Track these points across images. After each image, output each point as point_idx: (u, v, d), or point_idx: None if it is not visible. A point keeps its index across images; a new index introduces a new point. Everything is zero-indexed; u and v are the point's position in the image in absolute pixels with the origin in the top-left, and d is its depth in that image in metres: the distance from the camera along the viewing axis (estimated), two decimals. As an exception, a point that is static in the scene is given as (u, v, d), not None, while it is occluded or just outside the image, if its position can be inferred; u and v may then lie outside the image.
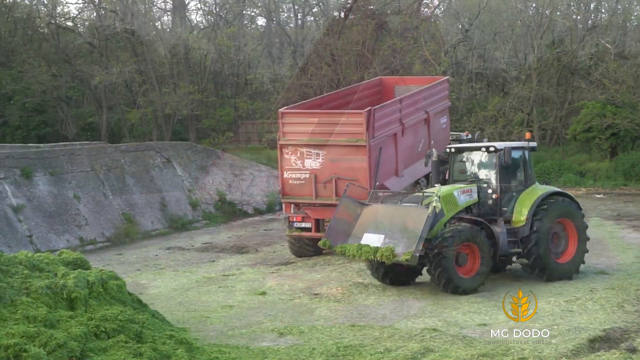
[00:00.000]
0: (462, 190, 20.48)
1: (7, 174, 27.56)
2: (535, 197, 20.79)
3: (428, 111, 26.93)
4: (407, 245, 18.73)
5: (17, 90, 50.27)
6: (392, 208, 20.09)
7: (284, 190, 24.20)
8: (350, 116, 23.78)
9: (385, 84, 30.16)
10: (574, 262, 21.13)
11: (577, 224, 21.25)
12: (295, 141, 23.82)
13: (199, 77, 51.26)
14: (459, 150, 21.66)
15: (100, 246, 28.59)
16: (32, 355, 12.88)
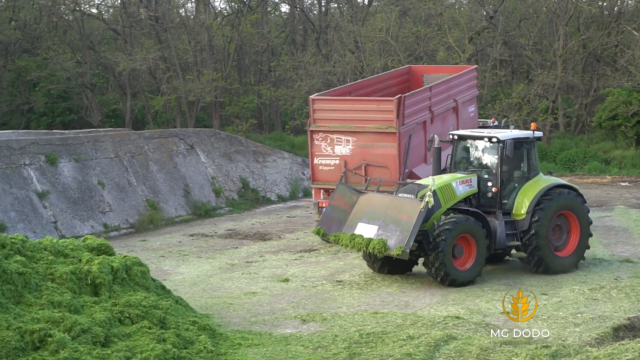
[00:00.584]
0: (462, 180, 20.05)
1: (32, 160, 27.73)
2: (538, 190, 20.28)
3: (457, 99, 27.14)
4: (400, 238, 18.55)
5: (42, 77, 50.50)
6: (387, 198, 19.89)
7: (314, 176, 24.63)
8: (381, 103, 24.12)
9: (414, 73, 30.32)
10: (574, 256, 20.67)
11: (580, 218, 20.75)
12: (326, 127, 24.19)
13: (223, 64, 51.24)
14: (462, 138, 21.12)
15: (124, 232, 28.73)
16: (57, 340, 12.98)
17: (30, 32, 55.96)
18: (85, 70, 50.43)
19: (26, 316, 13.47)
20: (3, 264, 14.13)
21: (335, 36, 50.06)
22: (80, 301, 14.59)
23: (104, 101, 54.25)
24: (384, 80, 29.04)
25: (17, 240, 15.35)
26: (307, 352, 14.63)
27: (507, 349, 14.12)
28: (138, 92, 52.24)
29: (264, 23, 54.26)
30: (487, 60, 47.02)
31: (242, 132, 45.66)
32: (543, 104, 46.17)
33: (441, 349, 14.35)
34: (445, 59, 43.66)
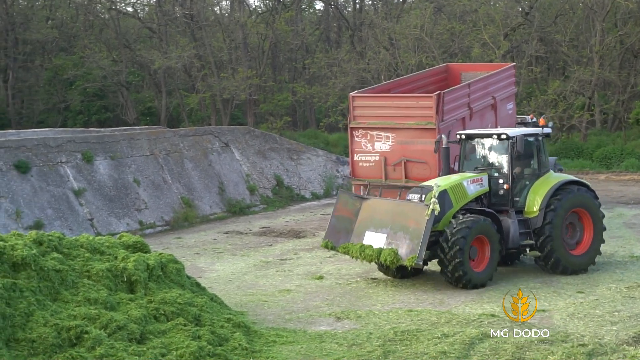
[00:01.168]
0: (472, 179, 19.66)
1: (68, 158, 27.96)
2: (549, 187, 19.82)
3: (495, 97, 27.24)
4: (411, 247, 18.18)
5: (78, 75, 50.94)
6: (392, 204, 19.44)
7: (354, 172, 25.01)
8: (421, 99, 24.44)
9: (452, 71, 30.53)
10: (589, 254, 20.15)
11: (593, 214, 20.23)
12: (366, 124, 24.55)
13: (257, 62, 51.40)
14: (470, 137, 20.62)
15: (160, 230, 28.89)
16: (93, 337, 13.07)
17: (67, 31, 56.48)
18: (121, 68, 50.81)
19: (63, 313, 13.58)
20: (40, 261, 14.26)
21: (369, 33, 50.02)
22: (116, 298, 14.69)
23: (140, 99, 54.62)
24: (423, 78, 29.35)
25: (54, 237, 15.48)
26: (342, 349, 14.62)
27: (542, 347, 14.03)
28: (173, 90, 52.52)
29: (299, 20, 54.33)
30: (523, 57, 46.70)
31: (277, 129, 45.75)
32: (579, 101, 45.80)
33: (476, 347, 14.28)
34: (480, 56, 43.43)
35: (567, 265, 19.68)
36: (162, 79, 50.64)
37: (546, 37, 48.39)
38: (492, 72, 28.29)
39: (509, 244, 19.56)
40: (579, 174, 39.60)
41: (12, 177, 25.84)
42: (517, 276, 19.89)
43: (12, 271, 13.89)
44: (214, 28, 52.20)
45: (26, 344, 12.76)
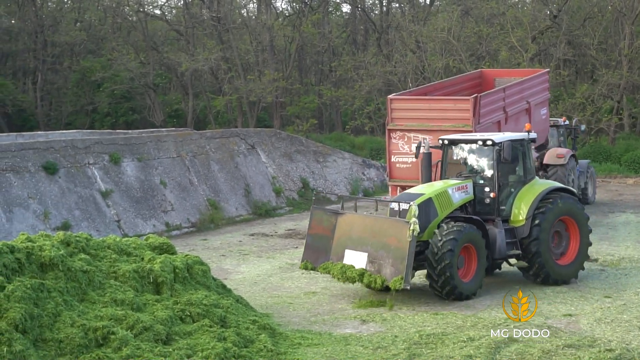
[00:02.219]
0: (457, 187, 18.85)
1: (96, 160, 28.13)
2: (536, 194, 19.06)
3: (529, 101, 27.83)
4: (395, 267, 17.24)
5: (106, 77, 51.27)
6: (369, 219, 18.54)
7: (391, 173, 25.50)
8: (458, 102, 25.15)
9: (486, 76, 31.10)
10: (576, 263, 19.39)
11: (580, 222, 19.47)
12: (403, 126, 25.14)
13: (284, 65, 51.50)
14: (453, 142, 19.83)
15: (186, 231, 28.99)
16: (120, 337, 13.13)
17: (95, 33, 56.88)
18: (149, 70, 51.09)
19: (90, 313, 13.66)
20: (68, 261, 14.35)
21: (396, 36, 50.00)
22: (143, 299, 14.76)
23: (167, 101, 54.90)
24: (457, 83, 30.00)
25: (81, 238, 15.57)
26: (367, 352, 14.61)
27: (569, 352, 13.94)
28: (200, 92, 52.73)
29: (325, 23, 54.38)
30: (551, 60, 46.49)
31: (303, 132, 45.82)
32: (607, 104, 45.52)
33: (502, 351, 14.21)
34: (508, 59, 43.30)
35: (556, 276, 18.94)
36: (189, 81, 50.84)
37: (574, 41, 48.14)
38: (526, 77, 28.85)
39: (495, 253, 18.73)
40: (607, 178, 39.38)
41: (40, 178, 26.04)
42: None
43: (40, 272, 14.00)
44: (241, 30, 52.37)
45: (53, 344, 12.85)
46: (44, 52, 53.40)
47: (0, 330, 12.50)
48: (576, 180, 30.61)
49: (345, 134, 49.46)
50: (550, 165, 29.99)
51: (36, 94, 53.64)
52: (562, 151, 30.23)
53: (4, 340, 12.39)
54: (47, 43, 53.49)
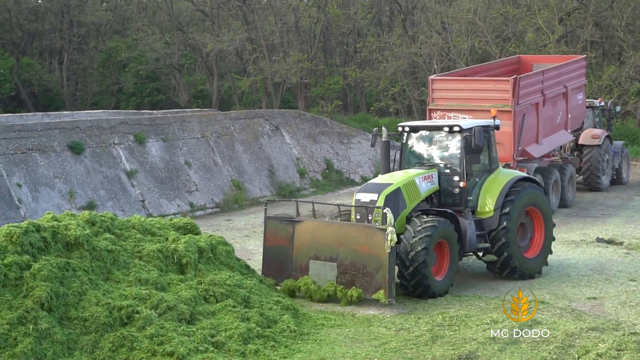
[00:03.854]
0: (424, 176, 17.74)
1: (121, 140, 28.25)
2: (503, 184, 18.16)
3: (567, 86, 28.30)
4: (371, 278, 15.93)
5: (131, 57, 51.42)
6: (335, 226, 16.92)
7: None
8: (497, 83, 25.71)
9: (523, 62, 31.56)
10: (542, 255, 18.66)
11: (545, 213, 18.74)
12: (444, 106, 25.67)
13: (309, 45, 51.37)
14: (414, 129, 18.75)
15: (210, 212, 29.08)
16: (144, 316, 13.22)
17: (121, 14, 57.02)
18: (174, 51, 51.17)
19: (114, 293, 13.76)
20: (93, 241, 14.46)
21: (421, 17, 49.67)
22: (167, 279, 14.85)
23: (192, 82, 54.97)
24: (495, 67, 30.65)
25: (106, 218, 15.67)
26: (390, 333, 14.63)
27: (593, 335, 13.89)
28: (225, 73, 52.75)
29: (350, 4, 54.13)
30: (577, 42, 46.04)
31: (327, 113, 45.73)
32: (635, 87, 45.09)
33: (525, 333, 14.19)
34: (534, 41, 42.96)
35: (522, 269, 18.15)
36: (214, 62, 50.87)
37: (602, 22, 47.63)
38: (564, 62, 29.54)
39: (465, 247, 17.65)
40: (633, 161, 39.09)
41: (66, 157, 26.19)
42: (568, 263, 19.71)
43: (66, 251, 14.12)
44: (266, 11, 52.25)
45: (78, 322, 12.97)
46: (70, 32, 53.59)
47: (27, 308, 12.63)
48: (610, 161, 30.92)
49: (369, 115, 49.30)
50: (585, 146, 30.55)
51: (62, 73, 53.89)
52: (597, 132, 30.82)
53: (30, 318, 12.53)
54: (73, 23, 53.67)
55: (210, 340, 13.27)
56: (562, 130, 28.37)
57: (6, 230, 13.64)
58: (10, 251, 13.34)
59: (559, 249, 21.43)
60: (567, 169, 28.04)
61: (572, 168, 28.55)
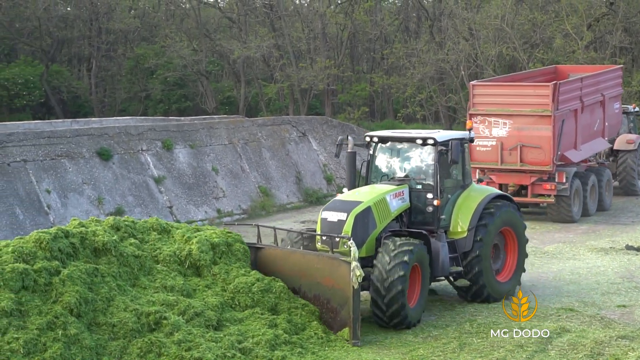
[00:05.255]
0: (395, 193, 16.33)
1: (149, 146, 28.38)
2: (477, 202, 16.86)
3: (604, 94, 28.63)
4: (335, 314, 14.71)
5: (159, 64, 51.67)
6: (297, 256, 15.63)
7: (471, 156, 26.36)
8: (537, 88, 26.06)
9: (560, 71, 31.84)
10: (512, 281, 17.46)
11: (519, 235, 17.58)
12: (484, 111, 25.85)
13: (336, 52, 51.42)
14: (383, 140, 17.32)
15: (237, 218, 29.12)
16: (172, 322, 13.26)
17: (149, 21, 57.34)
18: (201, 58, 51.37)
19: (142, 299, 13.80)
20: (120, 247, 14.51)
21: (449, 23, 49.58)
22: (192, 284, 14.83)
23: (219, 88, 55.16)
24: (533, 76, 31.07)
25: (128, 222, 15.69)
26: (417, 340, 14.60)
27: (622, 343, 13.79)
28: (252, 80, 52.90)
29: (378, 11, 54.17)
30: (607, 48, 45.78)
31: (354, 119, 45.75)
32: (664, 93, 44.74)
33: (554, 341, 14.11)
34: (563, 46, 42.75)
35: (495, 295, 16.90)
36: (241, 68, 51.03)
37: (631, 28, 47.33)
38: (602, 71, 30.12)
39: (437, 271, 16.14)
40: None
41: (94, 164, 26.35)
42: (597, 271, 19.56)
43: (94, 256, 14.18)
44: (293, 18, 52.38)
45: (107, 328, 13.03)
46: (98, 39, 53.96)
47: (56, 314, 12.71)
48: None
49: (396, 121, 49.26)
50: (620, 151, 30.97)
51: (91, 80, 54.26)
52: (632, 137, 31.22)
53: (59, 324, 12.60)
54: (101, 30, 54.03)
55: (238, 347, 13.29)
56: (599, 138, 28.70)
57: (35, 236, 13.73)
58: (39, 257, 13.43)
59: (588, 257, 21.32)
60: (604, 174, 28.38)
61: (609, 172, 28.92)
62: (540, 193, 25.91)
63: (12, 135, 24.90)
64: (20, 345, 12.18)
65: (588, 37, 43.25)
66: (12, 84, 48.39)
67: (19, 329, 12.40)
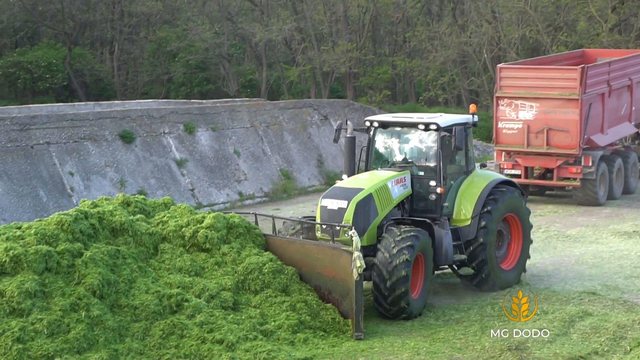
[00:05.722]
0: (396, 179, 15.85)
1: (171, 129, 28.44)
2: (481, 189, 16.38)
3: (632, 79, 28.63)
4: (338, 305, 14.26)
5: (181, 47, 51.69)
6: (296, 245, 15.11)
7: (498, 139, 26.34)
8: (565, 72, 26.19)
9: (587, 55, 31.86)
10: (518, 267, 17.16)
11: (524, 222, 17.21)
12: (511, 94, 25.95)
13: (358, 35, 51.23)
14: (384, 125, 16.85)
15: (259, 201, 29.18)
16: (194, 305, 13.25)
17: (171, 4, 57.28)
18: (223, 41, 51.35)
19: (161, 280, 13.82)
20: (135, 225, 14.50)
21: (472, 6, 49.23)
22: (199, 261, 14.52)
23: (241, 71, 55.13)
24: (560, 60, 31.12)
25: (139, 198, 15.70)
26: (439, 323, 14.61)
27: (645, 327, 13.74)
28: (274, 63, 52.84)
29: (400, -7, 53.87)
30: (631, 31, 45.33)
31: (376, 103, 45.61)
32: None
33: (576, 324, 14.07)
34: (587, 29, 42.42)
35: (501, 284, 16.55)
36: (263, 51, 50.96)
37: (656, 10, 46.85)
38: (630, 55, 30.04)
39: (440, 260, 15.72)
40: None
41: (117, 147, 26.44)
42: (621, 255, 19.45)
43: (112, 237, 14.24)
44: (315, 1, 52.18)
45: (129, 310, 13.10)
46: (121, 22, 54.04)
47: (79, 295, 12.80)
48: None
49: (418, 105, 49.03)
50: None
51: (113, 63, 54.36)
52: None
53: (82, 305, 12.69)
54: (124, 13, 54.11)
55: (259, 329, 13.31)
56: (626, 122, 28.67)
57: (57, 218, 13.81)
58: (62, 239, 13.51)
59: (611, 240, 21.22)
60: (630, 157, 28.40)
61: (634, 155, 28.90)
62: (566, 176, 25.96)
63: (35, 118, 25.03)
64: (44, 326, 12.29)
65: (612, 20, 42.84)
66: (35, 67, 48.62)
67: (43, 310, 12.52)
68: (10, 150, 23.72)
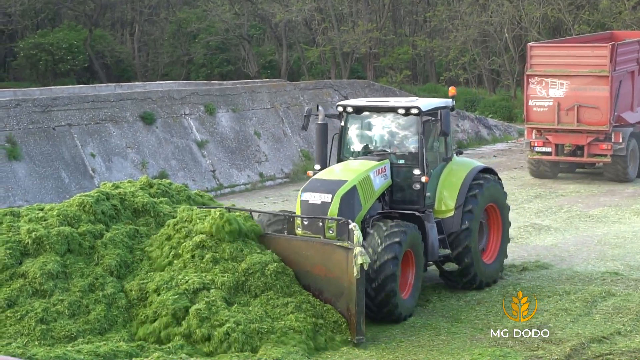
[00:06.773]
0: (378, 169, 14.60)
1: (191, 110, 28.46)
2: (463, 177, 15.24)
3: None
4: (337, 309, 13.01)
5: (201, 28, 51.71)
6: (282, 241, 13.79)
7: (528, 116, 26.55)
8: (595, 49, 26.37)
9: (616, 37, 31.81)
10: (499, 259, 16.02)
11: (503, 213, 16.13)
12: (542, 72, 26.14)
13: (378, 15, 51.03)
14: (359, 110, 15.49)
15: (279, 182, 29.18)
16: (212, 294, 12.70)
17: (191, -15, 57.25)
18: (243, 22, 51.29)
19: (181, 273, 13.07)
20: (157, 207, 14.46)
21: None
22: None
23: (261, 52, 55.08)
24: (589, 40, 31.25)
25: (164, 183, 15.64)
26: (460, 304, 14.59)
27: (669, 308, 13.66)
28: (294, 44, 52.76)
29: (420, -28, 53.59)
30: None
31: (396, 83, 45.48)
32: None
33: (598, 305, 14.02)
34: (609, 7, 42.05)
35: (483, 278, 15.45)
36: (283, 32, 50.88)
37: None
38: None
39: (428, 255, 14.55)
40: None
41: (138, 128, 26.50)
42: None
43: (134, 217, 14.28)
44: (335, -19, 52.01)
45: (147, 292, 13.05)
46: (141, 3, 54.10)
47: (96, 275, 12.87)
48: None
49: (439, 85, 48.90)
50: None
51: (134, 45, 54.47)
52: None
53: (97, 285, 12.76)
54: (143, -5, 54.17)
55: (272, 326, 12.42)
56: None
57: (79, 199, 13.87)
58: (84, 220, 13.58)
59: (634, 220, 21.10)
60: None
61: None
62: (597, 153, 25.98)
63: (57, 100, 25.11)
64: (65, 307, 12.37)
65: (636, -2, 42.44)
66: (56, 49, 48.79)
67: (64, 291, 12.59)
68: (33, 132, 23.82)
